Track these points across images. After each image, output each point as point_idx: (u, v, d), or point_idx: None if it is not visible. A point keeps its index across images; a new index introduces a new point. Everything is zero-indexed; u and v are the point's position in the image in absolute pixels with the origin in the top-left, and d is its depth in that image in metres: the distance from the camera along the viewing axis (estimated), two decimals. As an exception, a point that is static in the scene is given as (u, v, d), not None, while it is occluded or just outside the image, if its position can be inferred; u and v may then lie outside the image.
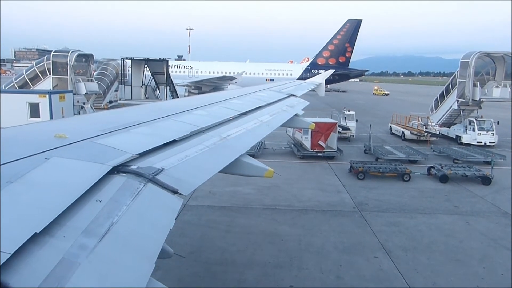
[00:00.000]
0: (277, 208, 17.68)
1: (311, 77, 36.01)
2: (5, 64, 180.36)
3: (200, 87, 57.93)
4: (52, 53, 35.98)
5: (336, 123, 28.51)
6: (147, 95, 48.34)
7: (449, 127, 36.30)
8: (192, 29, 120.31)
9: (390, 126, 39.16)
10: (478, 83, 33.52)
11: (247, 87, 14.95)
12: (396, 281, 11.83)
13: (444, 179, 22.28)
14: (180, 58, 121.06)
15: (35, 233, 2.21)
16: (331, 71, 32.69)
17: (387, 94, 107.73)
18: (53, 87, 34.20)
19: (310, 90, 18.59)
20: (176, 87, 49.69)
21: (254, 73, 64.23)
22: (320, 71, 52.70)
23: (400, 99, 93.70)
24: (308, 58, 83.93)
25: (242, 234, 14.97)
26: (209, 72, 63.56)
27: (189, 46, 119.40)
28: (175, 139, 4.82)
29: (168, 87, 46.66)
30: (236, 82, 56.60)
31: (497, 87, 33.86)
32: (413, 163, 26.00)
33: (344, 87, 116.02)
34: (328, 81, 49.17)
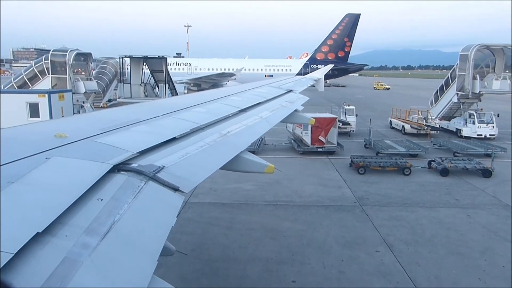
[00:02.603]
0: (278, 204, 17.70)
1: (310, 72, 35.97)
2: (4, 64, 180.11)
3: (199, 84, 57.89)
4: (50, 52, 35.88)
5: (336, 118, 28.50)
6: (146, 93, 48.29)
7: (449, 120, 36.28)
8: (190, 26, 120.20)
9: (390, 120, 39.14)
10: (477, 75, 33.46)
11: (246, 83, 14.93)
12: (398, 274, 11.87)
13: (444, 172, 22.30)
14: (178, 55, 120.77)
15: (37, 232, 2.21)
16: (330, 66, 32.63)
17: (388, 88, 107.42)
18: (52, 87, 34.15)
19: (310, 86, 18.57)
20: (175, 84, 49.65)
21: (253, 69, 64.14)
22: (319, 66, 52.68)
23: (399, 93, 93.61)
24: (307, 54, 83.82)
25: (243, 230, 14.99)
26: (208, 69, 63.51)
27: (187, 43, 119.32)
28: (175, 137, 4.82)
29: (167, 85, 46.64)
30: (235, 79, 56.57)
31: (496, 79, 33.82)
32: (413, 157, 26.00)
33: (344, 81, 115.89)
34: (327, 76, 49.10)
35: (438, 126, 35.10)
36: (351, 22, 67.27)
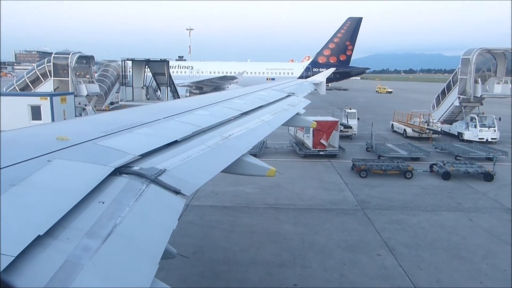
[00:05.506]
0: (279, 207, 17.68)
1: (312, 75, 36.00)
2: (6, 67, 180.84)
3: (201, 87, 57.91)
4: (52, 55, 36.03)
5: (338, 121, 28.51)
6: (148, 96, 48.31)
7: (451, 124, 36.27)
8: (192, 29, 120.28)
9: (392, 124, 39.10)
10: (479, 79, 33.46)
11: (248, 86, 14.95)
12: (399, 278, 11.83)
13: (446, 176, 22.25)
14: (181, 58, 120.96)
15: (39, 235, 2.21)
16: (332, 70, 32.64)
17: (390, 92, 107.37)
18: (54, 89, 34.26)
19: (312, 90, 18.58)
20: (177, 87, 49.66)
21: (255, 73, 64.17)
22: (321, 69, 52.65)
23: (401, 96, 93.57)
24: (309, 57, 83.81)
25: (245, 233, 14.97)
26: (210, 72, 63.56)
27: (189, 46, 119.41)
28: (177, 140, 4.82)
29: (169, 88, 46.66)
30: (237, 82, 56.57)
31: (498, 83, 33.81)
32: (415, 160, 25.96)
33: (345, 85, 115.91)
34: (329, 80, 49.15)
35: (440, 130, 35.06)
36: (353, 26, 67.36)
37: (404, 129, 35.93)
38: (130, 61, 47.53)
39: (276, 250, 13.51)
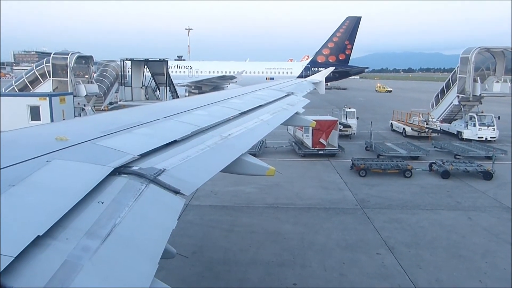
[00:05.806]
0: (279, 207, 17.68)
1: (311, 75, 36.00)
2: (5, 67, 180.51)
3: (201, 87, 57.89)
4: (51, 55, 35.93)
5: (337, 120, 28.49)
6: (147, 96, 48.29)
7: (450, 123, 36.30)
8: (191, 29, 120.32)
9: (391, 123, 39.12)
10: (478, 78, 33.47)
11: (247, 86, 14.95)
12: (399, 277, 11.84)
13: (445, 175, 22.27)
14: (180, 58, 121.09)
15: (38, 236, 2.21)
16: (331, 69, 32.62)
17: (390, 91, 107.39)
18: (53, 90, 34.18)
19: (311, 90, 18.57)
20: (176, 87, 49.63)
21: (254, 72, 64.14)
22: (320, 69, 52.64)
23: (400, 95, 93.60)
24: (308, 56, 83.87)
25: (244, 233, 14.98)
26: (209, 72, 63.53)
27: (188, 46, 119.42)
28: (176, 140, 4.82)
29: (168, 88, 46.61)
30: (236, 82, 56.53)
31: (497, 82, 33.81)
32: (414, 159, 25.97)
33: (344, 84, 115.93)
34: (328, 79, 49.11)
35: (439, 129, 35.10)
36: (352, 25, 67.39)
37: (404, 128, 35.95)
38: (129, 61, 47.47)
39: (276, 249, 13.52)
